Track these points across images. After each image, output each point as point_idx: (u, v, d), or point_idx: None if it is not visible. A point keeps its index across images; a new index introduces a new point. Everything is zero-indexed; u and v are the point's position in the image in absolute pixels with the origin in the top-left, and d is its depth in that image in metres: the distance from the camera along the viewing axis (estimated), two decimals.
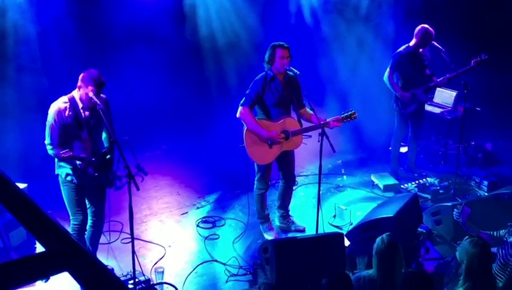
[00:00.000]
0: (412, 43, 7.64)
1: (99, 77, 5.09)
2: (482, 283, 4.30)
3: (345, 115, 6.31)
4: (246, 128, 6.29)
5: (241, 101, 6.25)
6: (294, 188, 6.99)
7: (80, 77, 5.12)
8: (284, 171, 6.71)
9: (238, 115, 6.26)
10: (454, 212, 5.79)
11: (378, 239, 4.59)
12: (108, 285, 1.29)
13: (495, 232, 5.53)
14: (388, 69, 7.72)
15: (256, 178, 6.65)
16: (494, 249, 4.84)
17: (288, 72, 6.21)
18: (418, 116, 8.04)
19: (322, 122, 6.02)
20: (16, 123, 7.61)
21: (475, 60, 7.45)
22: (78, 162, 5.10)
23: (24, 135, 7.42)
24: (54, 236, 1.34)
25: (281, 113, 6.34)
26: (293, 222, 6.95)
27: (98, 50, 8.59)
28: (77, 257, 1.33)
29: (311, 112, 6.30)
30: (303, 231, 6.88)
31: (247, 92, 6.27)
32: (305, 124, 6.41)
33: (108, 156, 5.40)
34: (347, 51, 9.91)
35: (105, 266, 1.33)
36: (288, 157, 6.59)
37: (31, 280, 1.36)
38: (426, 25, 7.55)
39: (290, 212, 7.00)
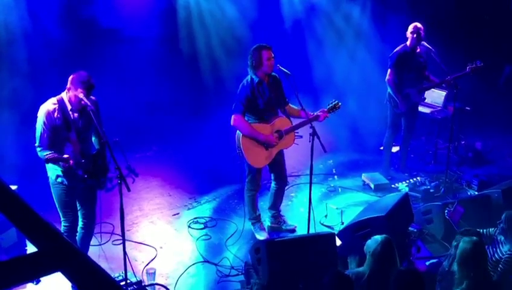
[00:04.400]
0: (408, 42, 7.68)
1: (88, 80, 5.07)
2: (478, 279, 4.33)
3: (330, 106, 6.44)
4: (240, 134, 6.28)
5: (233, 108, 6.25)
6: (285, 188, 6.99)
7: (70, 78, 5.10)
8: (276, 172, 6.72)
9: (232, 123, 6.25)
10: (446, 211, 5.81)
11: (373, 240, 4.61)
12: (102, 284, 1.29)
13: (485, 231, 5.56)
14: (389, 71, 7.73)
15: (247, 179, 6.65)
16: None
17: (275, 71, 6.22)
18: (411, 116, 8.07)
19: (311, 117, 6.08)
20: (6, 125, 7.57)
21: (470, 66, 7.47)
22: (61, 163, 5.05)
23: (14, 137, 7.39)
24: (46, 236, 1.34)
25: (270, 115, 6.36)
26: (284, 222, 6.96)
27: (90, 50, 8.57)
28: (70, 257, 1.32)
29: (294, 107, 6.39)
30: (294, 230, 6.89)
31: (237, 98, 6.26)
32: (294, 121, 6.43)
33: (99, 159, 5.36)
34: (340, 53, 9.94)
35: (98, 265, 1.33)
36: (279, 158, 6.60)
37: (23, 281, 1.36)
38: (417, 23, 7.61)
39: (281, 213, 7.01)
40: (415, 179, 8.13)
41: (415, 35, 7.58)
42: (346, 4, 10.15)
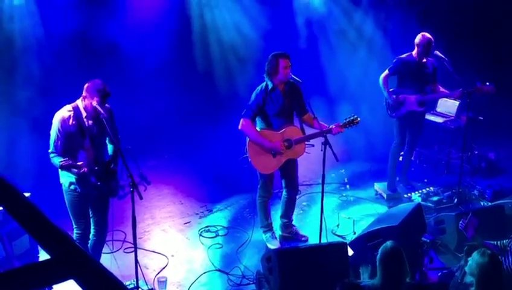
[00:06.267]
0: (414, 52, 7.58)
1: (104, 88, 5.11)
2: None
3: (347, 120, 6.34)
4: (248, 139, 6.30)
5: (243, 113, 6.26)
6: (297, 197, 6.97)
7: (85, 86, 5.14)
8: (287, 179, 6.70)
9: (240, 127, 6.26)
10: (460, 223, 5.74)
11: (382, 247, 4.58)
12: None
13: (499, 242, 5.51)
14: (386, 71, 7.62)
15: (258, 185, 6.65)
16: None
17: (289, 80, 6.22)
18: (413, 125, 7.87)
19: (324, 129, 6.05)
20: (19, 131, 7.63)
21: (479, 86, 7.33)
22: (74, 170, 5.03)
23: (27, 144, 7.43)
24: (59, 243, 1.34)
25: (282, 123, 6.34)
26: (296, 231, 6.94)
27: (103, 58, 8.61)
28: (82, 264, 1.32)
29: (311, 115, 6.35)
30: (306, 240, 6.87)
31: (248, 103, 6.28)
32: (308, 131, 6.41)
33: (112, 166, 5.39)
34: (353, 62, 9.95)
35: (110, 273, 1.32)
36: (291, 166, 6.58)
37: (35, 288, 1.36)
38: (426, 33, 7.49)
39: (292, 222, 6.99)
40: (427, 188, 8.05)
41: (423, 46, 7.43)
42: (358, 13, 10.16)
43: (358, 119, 6.36)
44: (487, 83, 7.29)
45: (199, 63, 9.89)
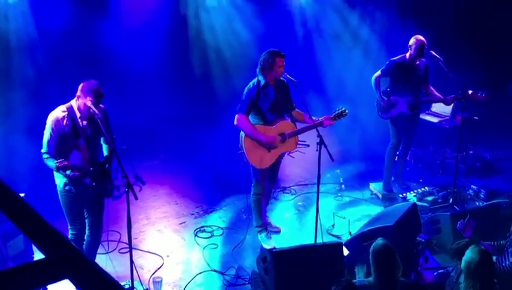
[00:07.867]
0: (408, 54, 7.57)
1: (98, 88, 5.10)
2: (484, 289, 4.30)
3: (336, 113, 6.42)
4: (243, 134, 6.30)
5: (237, 109, 6.30)
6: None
7: (80, 86, 5.12)
8: (271, 173, 6.76)
9: (235, 122, 6.28)
10: (458, 224, 5.73)
11: (373, 246, 4.59)
12: None
13: (496, 243, 5.52)
14: (379, 72, 7.59)
15: (252, 184, 6.66)
16: (494, 258, 4.84)
17: (282, 78, 6.26)
18: (408, 126, 7.84)
19: (316, 122, 6.13)
20: (14, 132, 7.60)
21: (470, 94, 7.32)
22: (69, 171, 4.98)
23: (22, 144, 7.41)
24: (54, 243, 1.33)
25: (275, 117, 6.40)
26: (269, 223, 6.98)
27: (99, 59, 8.59)
28: (78, 264, 1.31)
29: (301, 112, 6.46)
30: (279, 232, 6.99)
31: (242, 99, 6.30)
32: (299, 126, 6.46)
33: (106, 166, 5.37)
34: (351, 61, 9.95)
35: (107, 273, 1.32)
36: (277, 162, 6.66)
37: (30, 288, 1.35)
38: (419, 36, 7.48)
39: (266, 213, 7.05)
40: (423, 188, 8.06)
41: (416, 48, 7.40)
42: (354, 15, 10.18)
43: (347, 111, 6.44)
44: (479, 93, 7.30)
45: (195, 64, 9.89)
